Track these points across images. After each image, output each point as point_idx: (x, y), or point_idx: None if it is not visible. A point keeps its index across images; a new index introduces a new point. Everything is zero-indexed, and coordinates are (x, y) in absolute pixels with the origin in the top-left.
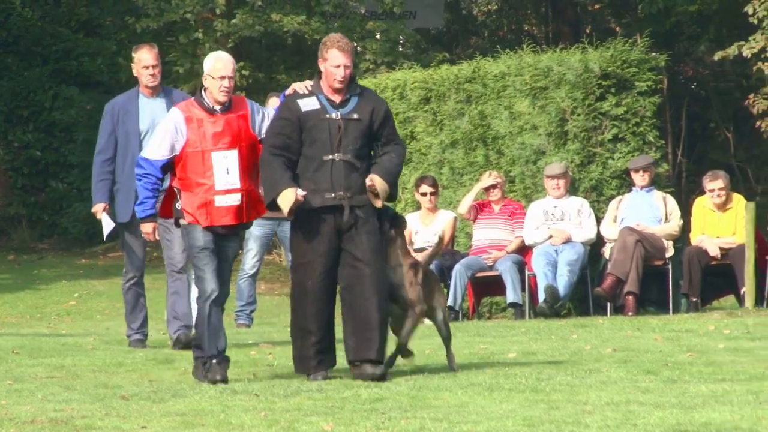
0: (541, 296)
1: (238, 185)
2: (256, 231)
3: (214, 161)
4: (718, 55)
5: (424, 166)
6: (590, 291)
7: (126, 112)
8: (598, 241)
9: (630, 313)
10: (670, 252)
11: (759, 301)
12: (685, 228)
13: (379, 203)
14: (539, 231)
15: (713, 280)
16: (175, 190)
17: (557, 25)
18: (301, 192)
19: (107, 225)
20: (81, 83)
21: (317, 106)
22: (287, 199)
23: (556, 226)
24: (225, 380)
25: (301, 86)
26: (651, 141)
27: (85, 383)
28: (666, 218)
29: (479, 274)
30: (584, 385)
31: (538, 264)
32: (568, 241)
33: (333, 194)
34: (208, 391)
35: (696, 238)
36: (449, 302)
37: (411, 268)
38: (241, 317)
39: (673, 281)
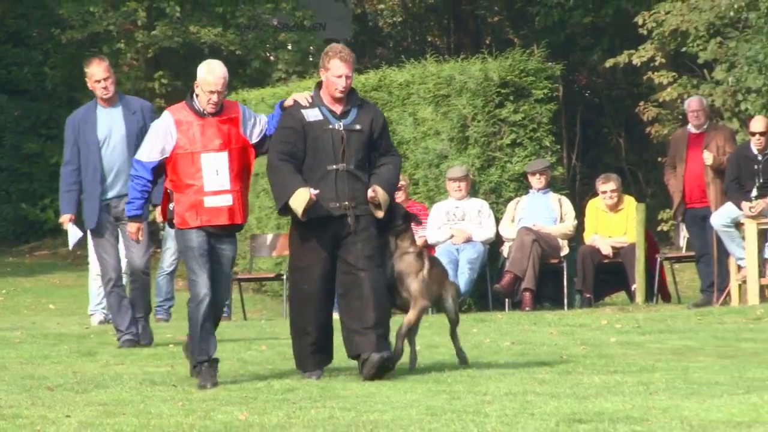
0: None
1: (227, 186)
2: (172, 231)
3: (203, 163)
4: (609, 63)
5: None
6: (489, 287)
7: (85, 123)
8: (497, 241)
9: (527, 309)
10: (564, 251)
11: (649, 297)
12: (579, 228)
13: (380, 214)
14: (441, 231)
15: (605, 277)
16: (169, 192)
17: (459, 37)
18: (314, 191)
19: (74, 235)
20: (9, 91)
21: (320, 117)
22: (301, 198)
23: (458, 226)
24: (215, 385)
25: (302, 97)
26: (547, 146)
27: (12, 375)
28: (561, 219)
29: None
30: (484, 376)
31: None
32: (468, 240)
33: (338, 204)
34: (128, 382)
35: (589, 238)
36: None
37: (418, 258)
38: (159, 312)
39: (567, 278)
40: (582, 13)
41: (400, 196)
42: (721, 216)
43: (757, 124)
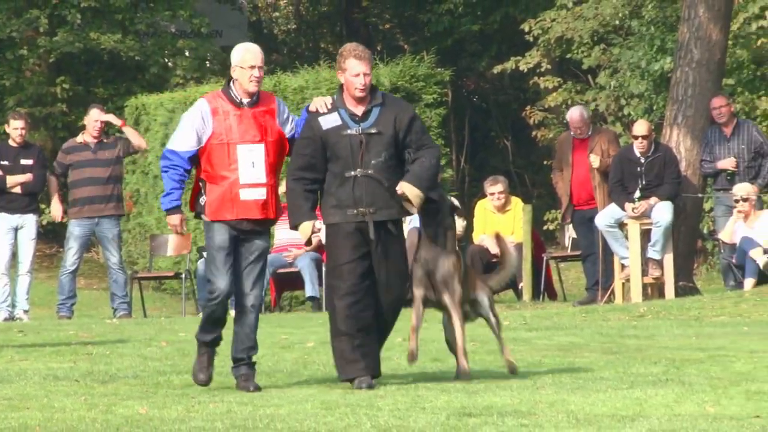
0: None
1: (263, 180)
2: (76, 231)
3: (239, 154)
4: (496, 69)
5: None
6: None
7: None
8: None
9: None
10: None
11: (535, 295)
12: (468, 228)
13: (414, 209)
14: None
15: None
16: (200, 183)
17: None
18: (318, 225)
19: None
20: None
21: (338, 122)
22: (306, 231)
23: None
24: (208, 378)
25: (322, 103)
26: None
27: None
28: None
29: (280, 270)
30: None
31: None
32: None
33: (355, 210)
34: (32, 378)
35: (478, 238)
36: None
37: (458, 259)
38: (62, 310)
39: None
40: (471, 21)
41: None
42: (605, 216)
43: (639, 127)
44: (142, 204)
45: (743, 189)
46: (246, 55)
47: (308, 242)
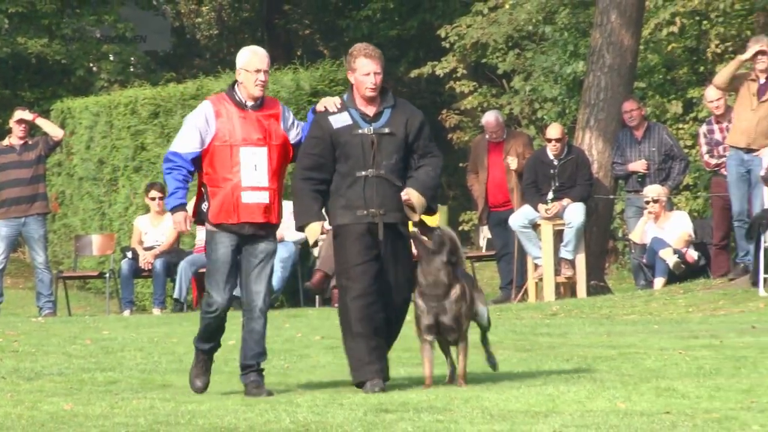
0: None
1: (265, 183)
2: (3, 231)
3: (242, 157)
4: (414, 73)
5: (153, 173)
6: (301, 285)
7: None
8: (308, 241)
9: (336, 305)
10: None
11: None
12: None
13: (416, 217)
14: None
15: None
16: (203, 189)
17: (272, 48)
18: (327, 226)
19: None
20: None
21: (349, 121)
22: (313, 232)
23: None
24: (206, 385)
25: (331, 103)
26: None
27: None
28: None
29: (202, 270)
30: (296, 369)
31: None
32: (281, 240)
33: (365, 211)
34: None
35: None
36: (175, 295)
37: (464, 296)
38: None
39: None
40: (388, 26)
41: None
42: (519, 217)
43: (552, 131)
44: (68, 205)
45: (654, 191)
46: (253, 59)
47: (315, 244)
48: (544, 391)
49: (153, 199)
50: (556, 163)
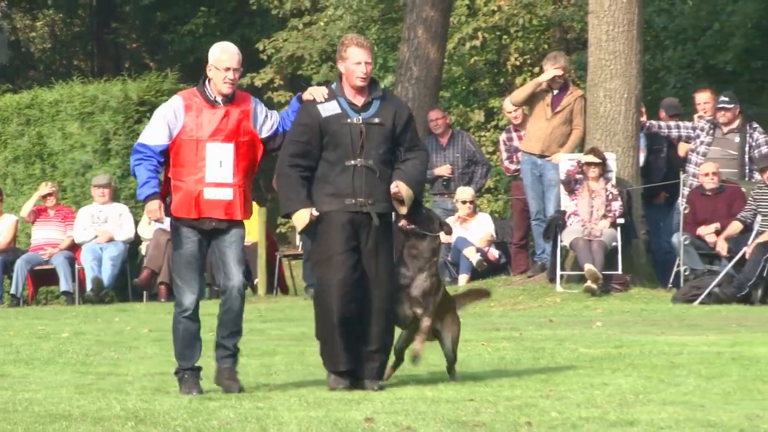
0: (89, 286)
1: (230, 180)
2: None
3: (207, 152)
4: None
5: None
6: (130, 281)
7: None
8: (136, 240)
9: (163, 300)
10: None
11: (269, 289)
12: None
13: (403, 210)
14: (87, 231)
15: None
16: (168, 183)
17: (101, 61)
18: (315, 212)
19: None
20: None
21: (338, 110)
22: (301, 219)
23: (102, 228)
24: (200, 392)
25: (319, 92)
26: None
27: None
28: None
29: (37, 267)
30: (125, 359)
31: (86, 259)
32: (111, 240)
33: (353, 200)
34: None
35: None
36: (12, 290)
37: (438, 283)
38: None
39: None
40: (210, 40)
41: (51, 201)
42: None
43: None
44: None
45: (465, 192)
46: (222, 56)
47: (303, 230)
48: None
49: None
50: None
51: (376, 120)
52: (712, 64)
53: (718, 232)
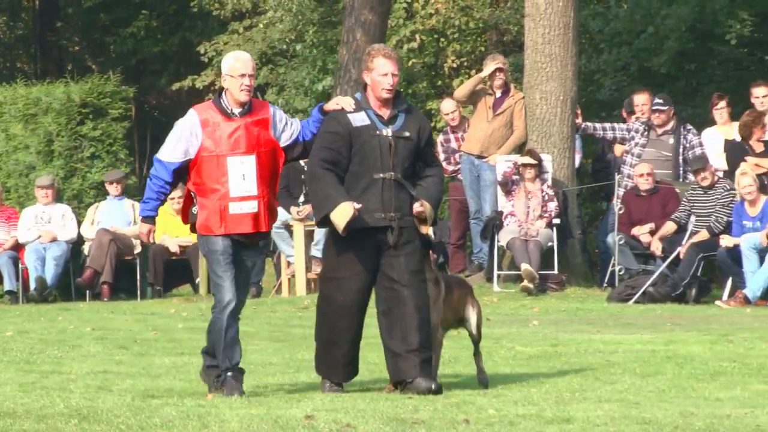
0: (33, 285)
1: (254, 192)
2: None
3: (229, 167)
4: (175, 86)
5: None
6: (73, 281)
7: None
8: (79, 240)
9: (105, 299)
10: (138, 249)
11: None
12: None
13: (425, 229)
14: (31, 231)
15: (173, 271)
16: (192, 194)
17: (44, 63)
18: (357, 205)
19: None
20: None
21: (367, 121)
22: (344, 213)
23: (45, 228)
24: (242, 394)
25: (346, 102)
26: (122, 158)
27: None
28: (134, 221)
29: None
30: (69, 358)
31: (30, 259)
32: (54, 240)
33: (383, 214)
34: None
35: (159, 238)
36: None
37: (435, 285)
38: None
39: (141, 273)
40: (152, 43)
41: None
42: None
43: None
44: None
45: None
46: (236, 64)
47: (345, 228)
48: (297, 378)
49: None
50: (306, 169)
51: (406, 134)
52: (646, 66)
53: (652, 233)
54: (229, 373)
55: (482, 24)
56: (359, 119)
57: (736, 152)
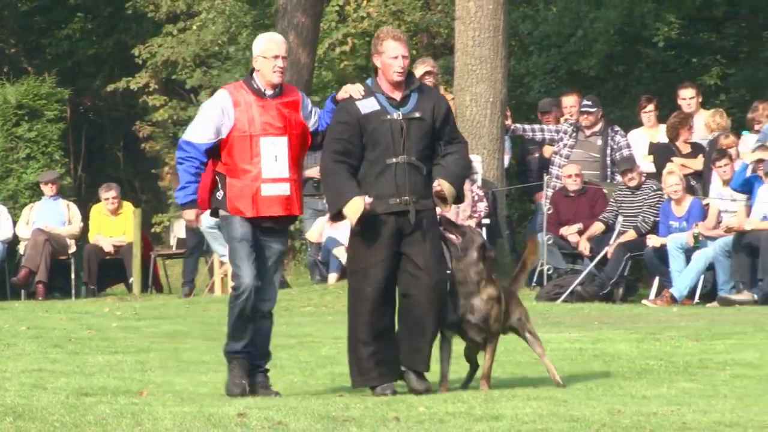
0: None
1: (286, 174)
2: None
3: (262, 147)
4: (110, 88)
5: None
6: (8, 280)
7: None
8: (15, 240)
9: (40, 298)
10: (72, 249)
11: (144, 288)
12: (85, 229)
13: (447, 208)
14: None
15: (108, 271)
16: (218, 178)
17: None
18: (368, 199)
19: None
20: None
21: (377, 107)
22: (356, 208)
23: None
24: (244, 390)
25: (355, 89)
26: (57, 159)
27: None
28: (69, 221)
29: None
30: (4, 356)
31: None
32: None
33: (398, 199)
34: None
35: (94, 237)
36: None
37: (497, 298)
38: None
39: (75, 272)
40: (87, 45)
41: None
42: (207, 219)
43: None
44: None
45: None
46: (269, 45)
47: (357, 222)
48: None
49: None
50: None
51: (417, 114)
52: (576, 69)
53: (580, 232)
54: (235, 362)
55: (413, 27)
56: (368, 105)
57: (663, 153)
